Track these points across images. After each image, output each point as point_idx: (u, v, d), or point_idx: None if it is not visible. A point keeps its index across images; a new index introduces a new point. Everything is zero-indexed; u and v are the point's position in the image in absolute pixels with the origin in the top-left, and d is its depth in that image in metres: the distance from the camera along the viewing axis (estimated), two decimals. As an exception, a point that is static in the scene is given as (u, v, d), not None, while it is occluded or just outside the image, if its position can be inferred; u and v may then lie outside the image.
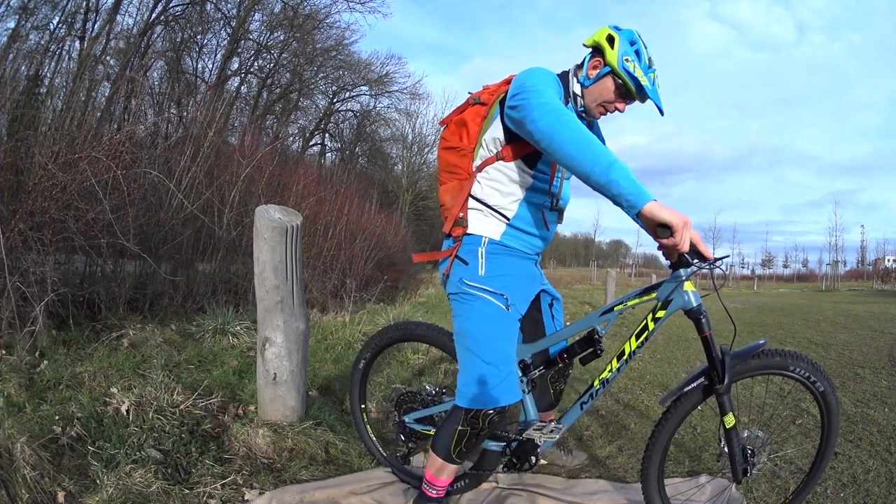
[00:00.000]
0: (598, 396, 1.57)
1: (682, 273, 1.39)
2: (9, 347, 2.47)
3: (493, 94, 1.51)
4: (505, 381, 1.47)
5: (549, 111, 1.28)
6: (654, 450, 1.50)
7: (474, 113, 1.52)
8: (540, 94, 1.34)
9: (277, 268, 2.09)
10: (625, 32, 1.46)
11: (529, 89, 1.35)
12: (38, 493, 1.49)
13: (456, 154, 1.55)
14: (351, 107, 19.35)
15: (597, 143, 1.24)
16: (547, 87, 1.36)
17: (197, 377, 2.52)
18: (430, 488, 1.62)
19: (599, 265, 41.58)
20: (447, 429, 1.54)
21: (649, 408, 2.95)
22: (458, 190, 1.54)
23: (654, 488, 1.52)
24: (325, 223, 5.74)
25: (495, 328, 1.47)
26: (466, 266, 1.49)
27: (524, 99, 1.34)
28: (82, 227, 2.93)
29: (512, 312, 1.49)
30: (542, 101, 1.32)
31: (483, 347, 1.47)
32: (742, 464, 1.44)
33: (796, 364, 1.40)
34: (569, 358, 1.60)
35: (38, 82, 5.39)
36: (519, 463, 1.67)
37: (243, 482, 1.80)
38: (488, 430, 1.51)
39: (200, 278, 4.26)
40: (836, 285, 32.59)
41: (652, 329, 1.46)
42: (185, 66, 13.82)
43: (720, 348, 1.40)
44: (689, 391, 1.44)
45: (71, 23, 10.78)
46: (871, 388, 3.33)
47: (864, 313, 9.07)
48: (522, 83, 1.38)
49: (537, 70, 1.45)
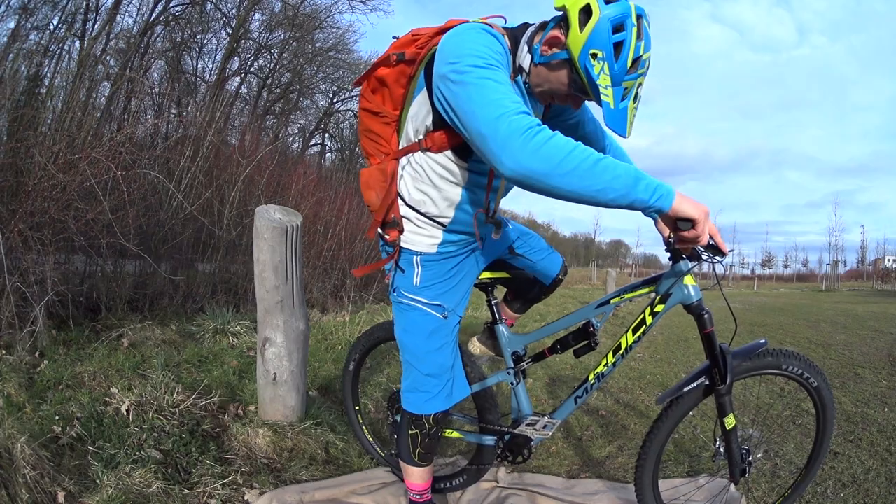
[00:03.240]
0: (593, 391, 1.53)
1: (682, 266, 1.34)
2: (9, 347, 2.47)
3: (421, 48, 1.16)
4: (444, 389, 1.45)
5: (517, 143, 0.93)
6: (650, 451, 1.47)
7: (398, 73, 1.20)
8: (491, 103, 0.96)
9: (277, 268, 2.09)
10: (615, 6, 1.05)
11: (471, 84, 0.99)
12: (38, 493, 1.49)
13: (378, 120, 1.28)
14: (351, 107, 19.35)
15: (602, 167, 0.94)
16: (495, 76, 1.00)
17: (197, 377, 2.52)
18: (414, 495, 1.64)
19: (599, 265, 41.59)
20: (402, 434, 1.55)
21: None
22: (382, 184, 1.30)
23: (649, 489, 1.50)
24: (325, 223, 5.73)
25: (432, 341, 1.41)
26: (403, 274, 1.38)
27: (465, 100, 0.99)
28: (82, 228, 2.93)
29: (450, 319, 1.42)
30: (499, 116, 0.94)
31: (421, 361, 1.43)
32: (740, 465, 1.43)
33: (789, 362, 1.39)
34: (562, 350, 1.55)
35: (38, 82, 5.38)
36: (512, 456, 1.66)
37: (243, 482, 1.80)
38: (437, 429, 1.51)
39: (200, 278, 4.25)
40: (836, 285, 32.58)
41: (650, 324, 1.41)
42: (185, 66, 13.82)
43: (720, 347, 1.36)
44: (689, 391, 1.41)
45: (71, 23, 10.78)
46: (871, 388, 3.33)
47: (864, 313, 9.07)
48: (457, 61, 1.02)
49: (475, 37, 1.06)
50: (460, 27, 1.11)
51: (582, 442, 2.42)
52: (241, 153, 4.86)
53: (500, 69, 1.04)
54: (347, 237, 6.04)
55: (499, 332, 1.65)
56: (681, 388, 1.41)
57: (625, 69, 1.06)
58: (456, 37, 1.07)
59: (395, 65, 1.19)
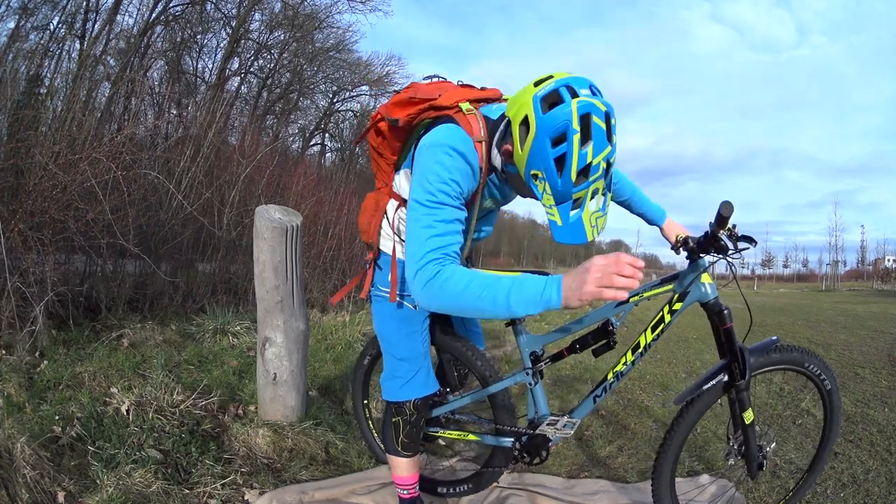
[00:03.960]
0: (612, 389, 1.54)
1: (700, 264, 1.36)
2: (9, 347, 2.47)
3: (409, 119, 1.26)
4: (417, 375, 1.54)
5: (418, 288, 1.07)
6: (669, 449, 1.47)
7: (394, 133, 1.33)
8: (417, 240, 1.09)
9: (277, 268, 2.09)
10: (552, 115, 1.01)
11: (418, 211, 1.11)
12: (38, 493, 1.49)
13: (381, 158, 1.43)
14: (351, 107, 19.36)
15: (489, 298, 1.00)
16: (437, 214, 1.10)
17: (197, 377, 2.52)
18: (401, 490, 1.67)
19: (599, 265, 41.42)
20: (386, 425, 1.63)
21: (649, 408, 2.95)
22: (373, 213, 1.46)
23: (666, 488, 1.50)
24: (325, 223, 5.73)
25: (405, 327, 1.50)
26: (381, 272, 1.49)
27: (410, 220, 1.13)
28: (82, 228, 2.93)
29: (419, 312, 1.49)
30: (416, 257, 1.08)
31: (394, 345, 1.53)
32: (758, 459, 1.44)
33: (811, 361, 1.42)
34: (581, 349, 1.57)
35: (38, 82, 5.39)
36: (529, 458, 1.64)
37: (243, 482, 1.80)
38: (419, 417, 1.58)
39: (200, 278, 4.26)
40: (836, 285, 32.58)
41: (668, 322, 1.42)
42: (185, 66, 13.82)
43: (739, 347, 1.36)
44: (708, 388, 1.41)
45: (71, 23, 10.78)
46: (871, 388, 3.33)
47: (864, 313, 9.07)
48: (420, 183, 1.13)
49: (444, 163, 1.12)
50: (437, 140, 1.15)
51: (582, 442, 2.42)
52: (241, 153, 4.87)
53: (450, 204, 1.12)
54: (347, 237, 6.04)
55: (517, 333, 1.66)
56: (700, 387, 1.41)
57: (570, 184, 1.03)
58: (431, 155, 1.14)
59: (390, 127, 1.30)
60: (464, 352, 1.67)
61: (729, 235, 1.36)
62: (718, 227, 1.31)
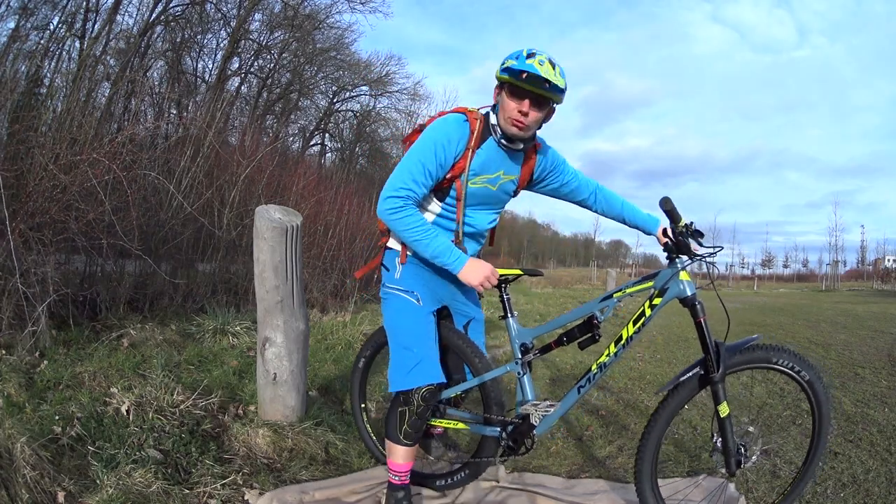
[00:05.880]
0: (596, 381, 1.62)
1: (678, 264, 1.49)
2: (9, 347, 2.47)
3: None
4: (422, 362, 1.61)
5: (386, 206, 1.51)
6: (647, 446, 1.51)
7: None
8: (404, 170, 1.53)
9: (277, 268, 2.09)
10: (508, 56, 1.52)
11: (413, 149, 1.56)
12: (38, 493, 1.49)
13: None
14: (351, 107, 19.35)
15: (422, 243, 1.52)
16: (426, 156, 1.52)
17: (197, 377, 2.52)
18: (393, 476, 1.70)
19: (599, 265, 41.57)
20: (391, 413, 1.70)
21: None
22: None
23: (648, 487, 1.52)
24: (325, 223, 5.73)
25: (408, 318, 1.65)
26: (388, 272, 1.71)
27: (404, 159, 1.57)
28: (83, 228, 2.93)
29: (423, 306, 1.65)
30: (395, 184, 1.51)
31: (400, 334, 1.66)
32: (735, 455, 1.47)
33: (779, 356, 1.44)
34: (567, 342, 1.66)
35: (38, 83, 5.38)
36: (516, 446, 1.71)
37: (243, 482, 1.80)
38: (424, 407, 1.63)
39: (200, 278, 4.25)
40: (836, 285, 32.54)
41: (649, 315, 1.53)
42: (185, 66, 13.80)
43: (714, 342, 1.45)
44: (685, 381, 1.48)
45: (71, 23, 10.77)
46: (871, 388, 3.33)
47: (864, 313, 9.07)
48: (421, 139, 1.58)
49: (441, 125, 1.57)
50: (437, 120, 1.61)
51: (582, 442, 2.42)
52: (241, 153, 4.86)
53: (438, 152, 1.53)
54: (347, 237, 6.04)
55: (509, 325, 1.75)
56: (677, 379, 1.49)
57: (523, 58, 1.47)
58: (430, 128, 1.59)
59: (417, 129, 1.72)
60: (458, 343, 1.74)
61: (685, 232, 1.50)
62: (672, 223, 1.51)
